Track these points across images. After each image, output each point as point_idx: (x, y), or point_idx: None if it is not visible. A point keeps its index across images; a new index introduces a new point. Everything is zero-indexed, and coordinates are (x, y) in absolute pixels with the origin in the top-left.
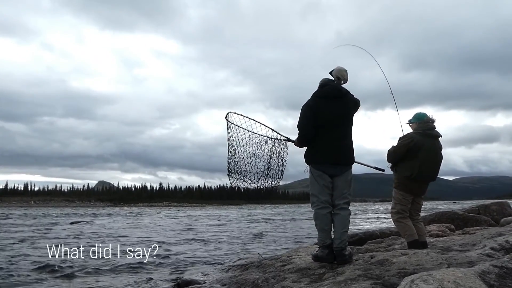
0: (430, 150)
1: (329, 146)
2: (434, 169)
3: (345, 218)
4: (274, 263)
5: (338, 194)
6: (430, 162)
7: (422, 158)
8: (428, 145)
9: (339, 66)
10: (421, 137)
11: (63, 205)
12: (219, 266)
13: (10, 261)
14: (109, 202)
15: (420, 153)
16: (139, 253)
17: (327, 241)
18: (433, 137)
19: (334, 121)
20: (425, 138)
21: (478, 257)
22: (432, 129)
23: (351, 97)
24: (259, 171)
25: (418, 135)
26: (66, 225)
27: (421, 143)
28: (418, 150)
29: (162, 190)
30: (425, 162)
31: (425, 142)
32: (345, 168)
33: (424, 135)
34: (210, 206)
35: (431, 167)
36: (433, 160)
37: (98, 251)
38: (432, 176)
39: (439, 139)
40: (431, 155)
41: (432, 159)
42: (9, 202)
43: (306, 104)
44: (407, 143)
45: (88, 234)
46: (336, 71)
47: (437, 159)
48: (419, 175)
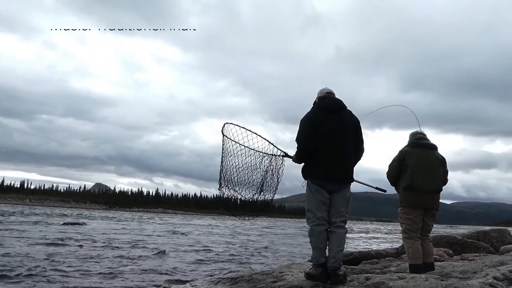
0: (421, 158)
1: (328, 161)
2: (430, 178)
3: (341, 237)
4: (265, 279)
5: (335, 211)
6: (422, 170)
7: (412, 167)
8: (418, 154)
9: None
10: (410, 147)
11: (58, 205)
12: (209, 278)
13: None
14: (104, 205)
15: (409, 161)
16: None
17: (322, 259)
18: (424, 146)
19: (334, 135)
20: (414, 148)
21: (480, 286)
22: (423, 139)
23: (349, 111)
24: (252, 186)
25: (407, 147)
26: (58, 226)
27: (409, 152)
28: (408, 160)
29: (158, 196)
30: (416, 171)
31: (414, 152)
32: (344, 185)
33: (414, 146)
34: (205, 215)
35: (424, 175)
36: (426, 168)
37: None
38: (429, 186)
39: (436, 150)
40: (421, 163)
41: (423, 167)
42: (4, 198)
43: (306, 116)
44: (397, 157)
45: (78, 237)
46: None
47: (432, 167)
48: (413, 185)
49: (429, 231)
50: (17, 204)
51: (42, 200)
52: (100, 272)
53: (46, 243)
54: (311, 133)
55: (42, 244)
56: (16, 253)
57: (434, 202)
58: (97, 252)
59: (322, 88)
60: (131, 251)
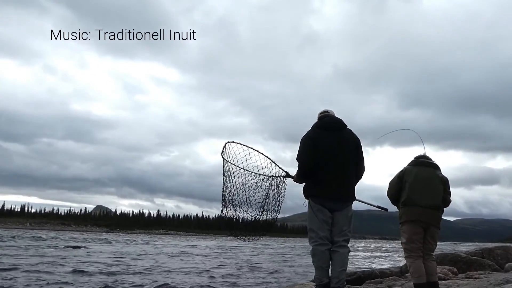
0: (419, 174)
1: (329, 179)
2: (427, 193)
3: (344, 256)
4: None
5: (338, 230)
6: (419, 186)
7: (410, 182)
8: (417, 171)
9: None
10: (411, 166)
11: (59, 229)
12: None
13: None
14: (105, 227)
15: (408, 178)
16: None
17: (325, 279)
18: (424, 164)
19: (334, 153)
20: (414, 166)
21: None
22: (424, 158)
23: (349, 130)
24: (255, 206)
25: (409, 165)
26: (58, 250)
27: (410, 170)
28: (407, 177)
29: (160, 218)
30: (413, 186)
31: (413, 169)
32: (345, 204)
33: (415, 164)
34: (207, 235)
35: (422, 191)
36: (423, 184)
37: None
38: (426, 201)
39: (437, 169)
40: (420, 179)
41: (421, 183)
42: (4, 223)
43: (306, 135)
44: (397, 174)
45: (78, 260)
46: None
47: (430, 183)
48: (410, 200)
49: (431, 250)
50: (17, 228)
51: (42, 223)
52: None
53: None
54: (311, 152)
55: (40, 267)
56: (13, 277)
57: (433, 218)
58: (96, 277)
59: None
60: (130, 275)
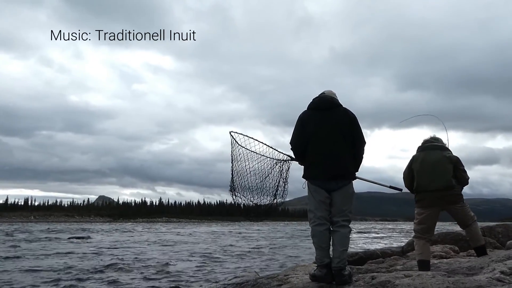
0: (424, 159)
1: (321, 159)
2: (433, 176)
3: (345, 236)
4: (270, 282)
5: (337, 210)
6: (425, 171)
7: (417, 169)
8: (423, 157)
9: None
10: (417, 153)
11: (62, 220)
12: (214, 284)
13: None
14: (108, 217)
15: (415, 165)
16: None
17: (326, 260)
18: (431, 148)
19: (324, 133)
20: (421, 152)
21: (487, 281)
22: (429, 142)
23: (343, 109)
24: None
25: (417, 152)
26: (63, 241)
27: (416, 157)
28: (414, 165)
29: (162, 206)
30: (420, 172)
31: (420, 155)
32: (342, 183)
33: (421, 150)
34: (210, 222)
35: (428, 175)
36: (429, 167)
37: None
38: (433, 184)
39: (443, 150)
40: (424, 163)
41: (426, 167)
42: (9, 217)
43: (298, 117)
44: (408, 164)
45: (83, 250)
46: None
47: (435, 165)
48: (418, 186)
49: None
50: (22, 222)
51: (46, 216)
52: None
53: (51, 259)
54: (299, 133)
55: (48, 259)
56: (24, 270)
57: (444, 198)
58: (101, 264)
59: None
60: (134, 262)
